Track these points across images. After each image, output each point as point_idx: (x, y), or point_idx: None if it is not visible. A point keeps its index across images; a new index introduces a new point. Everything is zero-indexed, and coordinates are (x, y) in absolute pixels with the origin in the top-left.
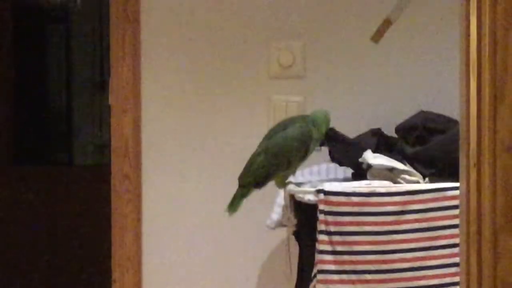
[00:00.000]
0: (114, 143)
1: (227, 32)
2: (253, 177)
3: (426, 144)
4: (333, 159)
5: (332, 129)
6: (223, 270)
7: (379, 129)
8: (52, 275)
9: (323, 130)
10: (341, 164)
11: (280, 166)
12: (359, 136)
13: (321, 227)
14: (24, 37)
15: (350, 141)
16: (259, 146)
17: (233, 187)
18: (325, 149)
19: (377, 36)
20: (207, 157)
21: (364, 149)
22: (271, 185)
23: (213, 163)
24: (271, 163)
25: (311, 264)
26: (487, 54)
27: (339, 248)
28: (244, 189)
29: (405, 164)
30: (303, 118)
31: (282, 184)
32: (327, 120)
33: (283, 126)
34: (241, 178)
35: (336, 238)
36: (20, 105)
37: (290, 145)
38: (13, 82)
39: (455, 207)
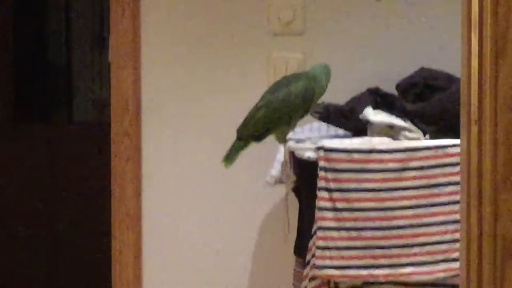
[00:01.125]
0: (113, 101)
1: None
2: (253, 130)
3: (427, 101)
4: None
5: (324, 105)
6: (222, 226)
7: (376, 88)
8: (52, 233)
9: (325, 85)
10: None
11: (281, 121)
12: (356, 96)
13: (321, 184)
14: None
15: (345, 110)
16: (261, 99)
17: None
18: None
19: None
20: (207, 114)
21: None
22: (271, 141)
23: (213, 120)
24: (272, 117)
25: (311, 221)
26: (488, 10)
27: (339, 205)
28: (242, 141)
29: (405, 121)
30: (306, 75)
31: (282, 139)
32: (328, 75)
33: (286, 82)
34: (239, 130)
35: (336, 195)
36: (19, 63)
37: (293, 101)
38: (12, 40)
39: (456, 164)
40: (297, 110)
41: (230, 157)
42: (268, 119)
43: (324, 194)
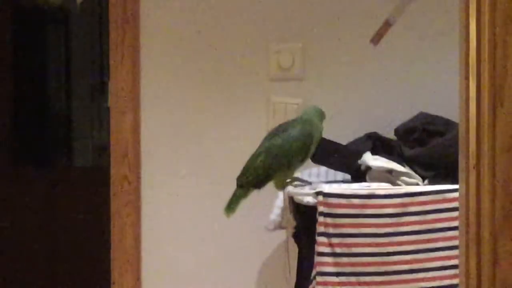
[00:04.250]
0: (113, 145)
1: (227, 34)
2: (252, 178)
3: (426, 146)
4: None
5: (323, 140)
6: (222, 272)
7: (374, 133)
8: (51, 277)
9: (321, 128)
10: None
11: (280, 167)
12: (354, 141)
13: (320, 229)
14: (23, 39)
15: (343, 150)
16: (259, 147)
17: (233, 188)
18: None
19: (377, 38)
20: (207, 159)
21: (360, 154)
22: (270, 186)
23: (212, 165)
24: (271, 163)
25: (310, 266)
26: (486, 55)
27: (338, 250)
28: (243, 189)
29: (404, 166)
30: (301, 119)
31: (281, 185)
32: (320, 117)
33: (283, 128)
34: (239, 178)
35: (335, 240)
36: (20, 107)
37: (291, 146)
38: (13, 84)
39: (455, 209)
40: (297, 155)
41: (231, 206)
42: (268, 166)
43: (323, 239)
